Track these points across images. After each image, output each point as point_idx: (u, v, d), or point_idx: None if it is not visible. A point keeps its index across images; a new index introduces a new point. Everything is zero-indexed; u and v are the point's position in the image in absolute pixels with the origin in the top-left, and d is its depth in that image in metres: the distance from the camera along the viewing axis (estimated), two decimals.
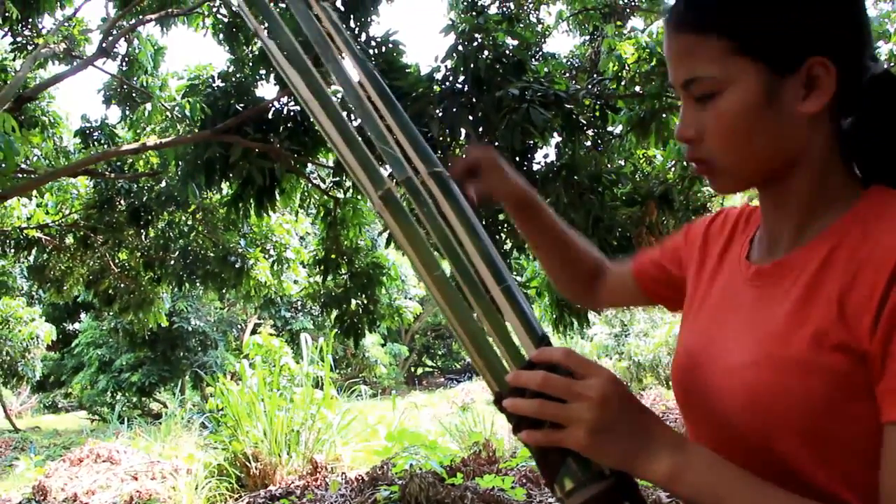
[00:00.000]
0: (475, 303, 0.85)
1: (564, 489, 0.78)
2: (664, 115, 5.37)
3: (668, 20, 0.85)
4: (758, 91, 0.78)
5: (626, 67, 5.56)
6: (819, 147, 0.82)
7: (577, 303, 1.34)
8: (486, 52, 5.09)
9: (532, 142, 5.02)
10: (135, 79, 7.79)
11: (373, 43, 5.61)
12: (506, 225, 5.46)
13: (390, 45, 5.60)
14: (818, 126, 0.81)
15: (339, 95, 1.02)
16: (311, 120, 0.99)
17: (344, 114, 0.94)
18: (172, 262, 9.15)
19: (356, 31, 5.57)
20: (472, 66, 4.96)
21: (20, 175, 7.64)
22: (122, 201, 8.66)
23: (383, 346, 22.78)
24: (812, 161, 0.82)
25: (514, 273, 7.39)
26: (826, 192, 0.83)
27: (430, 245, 0.88)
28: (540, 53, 6.00)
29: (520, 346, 0.84)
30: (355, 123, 1.02)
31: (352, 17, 5.59)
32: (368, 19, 5.67)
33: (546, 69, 5.31)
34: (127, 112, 7.85)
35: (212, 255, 9.01)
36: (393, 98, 0.97)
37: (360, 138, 0.92)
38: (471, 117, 4.90)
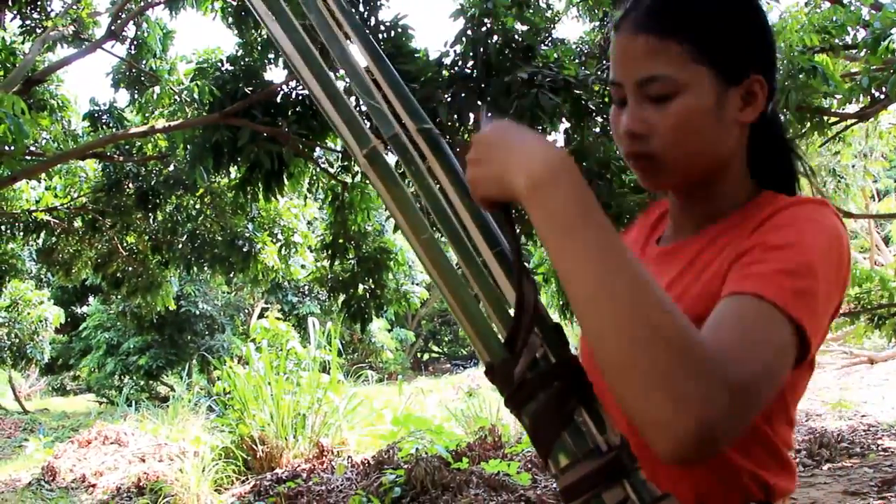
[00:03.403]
0: (466, 267, 0.82)
1: (559, 465, 0.75)
2: None
3: (625, 22, 0.89)
4: (711, 96, 0.85)
5: None
6: (741, 153, 0.93)
7: None
8: (495, 37, 5.06)
9: (541, 127, 4.99)
10: (143, 62, 7.78)
11: (381, 27, 5.58)
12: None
13: (399, 30, 5.57)
14: (742, 135, 0.91)
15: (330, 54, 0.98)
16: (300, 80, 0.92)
17: (327, 68, 0.89)
18: (180, 245, 9.16)
19: (365, 15, 5.54)
20: (481, 50, 4.94)
21: (29, 158, 7.66)
22: (130, 184, 8.68)
23: (390, 331, 22.81)
24: (736, 165, 0.93)
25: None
26: (736, 193, 0.93)
27: (418, 207, 0.83)
28: (549, 39, 5.95)
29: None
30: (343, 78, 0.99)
31: (360, 0, 5.57)
32: (378, 3, 5.64)
33: (555, 54, 5.28)
34: (135, 95, 7.84)
35: (219, 238, 9.02)
36: (380, 51, 0.92)
37: (344, 94, 0.88)
38: (479, 102, 4.88)
